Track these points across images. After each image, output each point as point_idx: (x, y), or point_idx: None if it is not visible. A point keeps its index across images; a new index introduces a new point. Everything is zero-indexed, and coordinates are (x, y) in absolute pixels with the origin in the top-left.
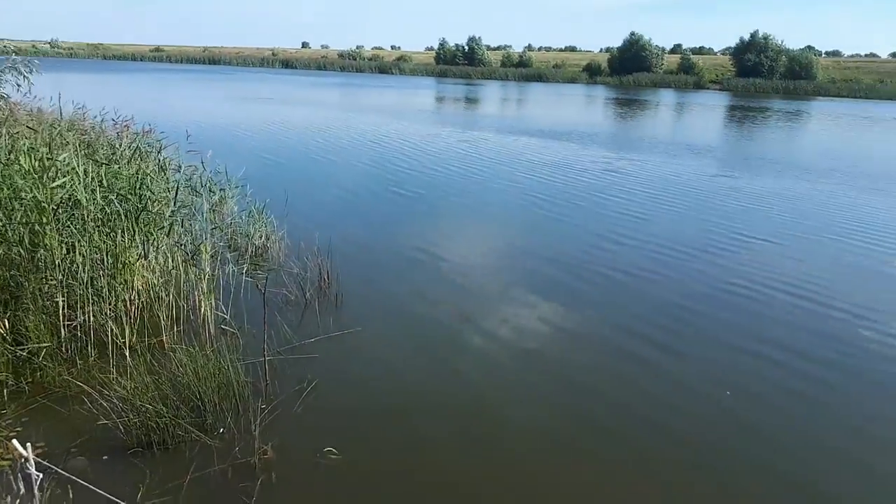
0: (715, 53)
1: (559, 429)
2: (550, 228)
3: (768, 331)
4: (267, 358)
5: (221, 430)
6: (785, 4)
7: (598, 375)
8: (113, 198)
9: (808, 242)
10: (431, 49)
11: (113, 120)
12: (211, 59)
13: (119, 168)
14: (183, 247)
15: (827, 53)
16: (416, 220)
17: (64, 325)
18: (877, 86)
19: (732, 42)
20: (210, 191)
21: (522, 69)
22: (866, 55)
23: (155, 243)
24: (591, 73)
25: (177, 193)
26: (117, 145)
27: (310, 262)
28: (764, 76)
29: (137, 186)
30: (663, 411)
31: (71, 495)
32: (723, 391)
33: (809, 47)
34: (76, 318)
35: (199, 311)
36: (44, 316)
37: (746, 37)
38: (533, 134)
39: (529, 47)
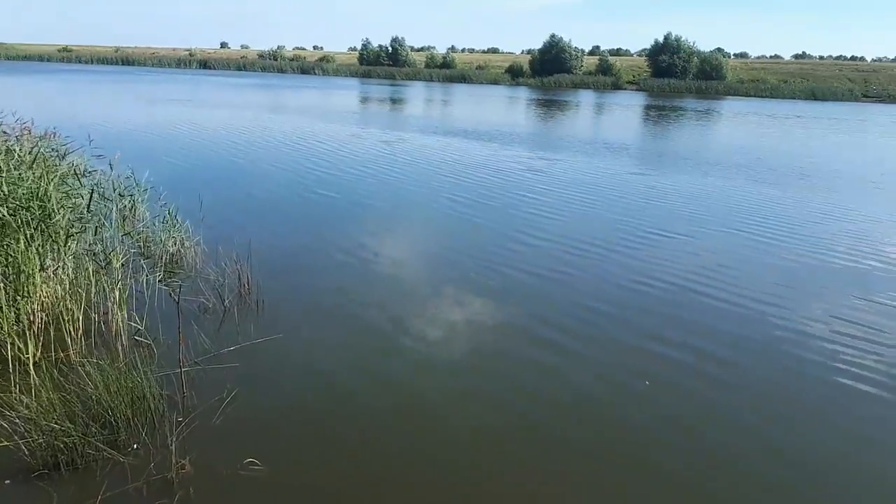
0: (632, 55)
1: (493, 427)
2: (471, 228)
3: (680, 321)
4: (183, 369)
5: (135, 446)
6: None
7: (524, 370)
8: (12, 207)
9: (715, 236)
10: (354, 49)
11: (10, 124)
12: (124, 60)
13: (19, 174)
14: (92, 256)
15: (735, 55)
16: (337, 222)
17: None
18: (781, 85)
19: (648, 44)
20: (120, 195)
21: (446, 70)
22: (771, 57)
23: (61, 253)
24: (514, 74)
25: (89, 200)
26: (16, 150)
27: (228, 268)
28: (677, 76)
29: (40, 194)
30: (587, 402)
31: None
32: (642, 381)
33: (719, 49)
34: None
35: (111, 322)
36: None
37: (661, 39)
38: (455, 134)
39: (453, 49)
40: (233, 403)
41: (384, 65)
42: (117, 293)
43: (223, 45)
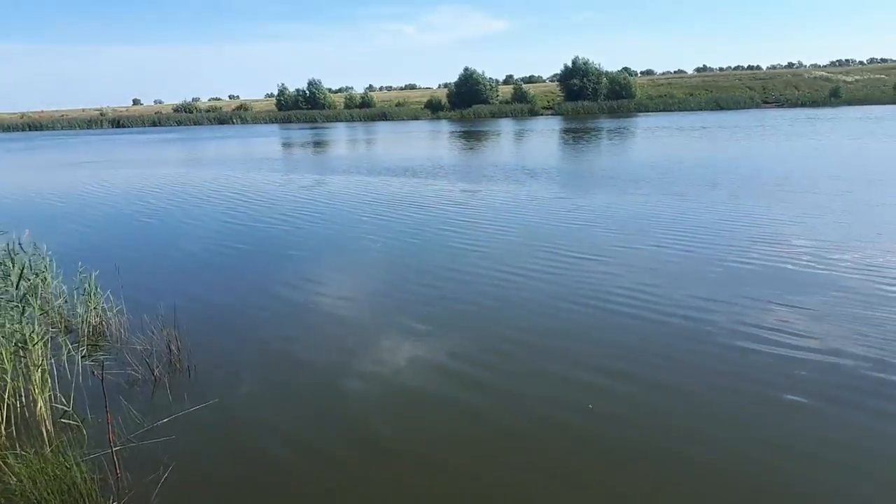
0: (544, 81)
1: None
2: (396, 267)
3: (609, 343)
4: (115, 448)
5: None
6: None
7: (455, 405)
8: None
9: (636, 254)
10: (272, 96)
11: None
12: (31, 126)
13: None
14: (8, 337)
15: (642, 72)
16: (262, 275)
17: None
18: (687, 98)
19: (559, 69)
20: (33, 273)
21: (366, 109)
22: (675, 72)
23: None
24: (433, 108)
25: None
26: None
27: (155, 336)
28: (589, 98)
29: None
30: (532, 425)
31: None
32: (585, 403)
33: (626, 68)
34: None
35: (34, 406)
36: None
37: (569, 63)
38: (377, 173)
39: (371, 87)
40: (172, 478)
41: (303, 108)
42: (38, 374)
43: (135, 101)
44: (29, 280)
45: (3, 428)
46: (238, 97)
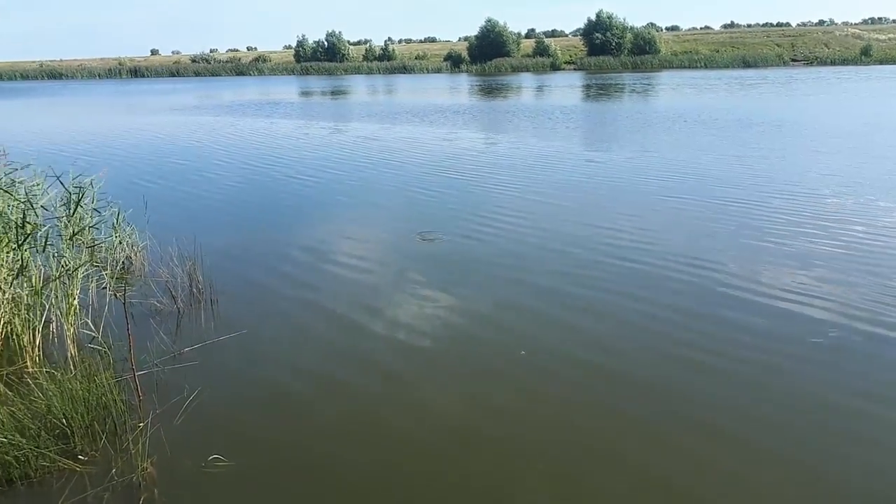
0: (567, 35)
1: (461, 413)
2: (427, 211)
3: (645, 291)
4: (140, 372)
5: (94, 453)
6: None
7: (492, 354)
8: None
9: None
10: (290, 47)
11: None
12: (50, 74)
13: None
14: (39, 267)
15: (667, 28)
16: (285, 217)
17: None
18: (713, 56)
19: (581, 23)
20: (64, 205)
21: (386, 62)
22: (702, 28)
23: (7, 266)
24: (454, 62)
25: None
26: None
27: (179, 270)
28: (613, 54)
29: None
30: (554, 365)
31: None
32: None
33: (651, 24)
34: None
35: (64, 332)
36: None
37: (593, 17)
38: (402, 122)
39: (390, 40)
40: (195, 402)
41: (322, 60)
42: (70, 302)
43: (154, 52)
44: (63, 212)
45: (34, 351)
46: (256, 49)
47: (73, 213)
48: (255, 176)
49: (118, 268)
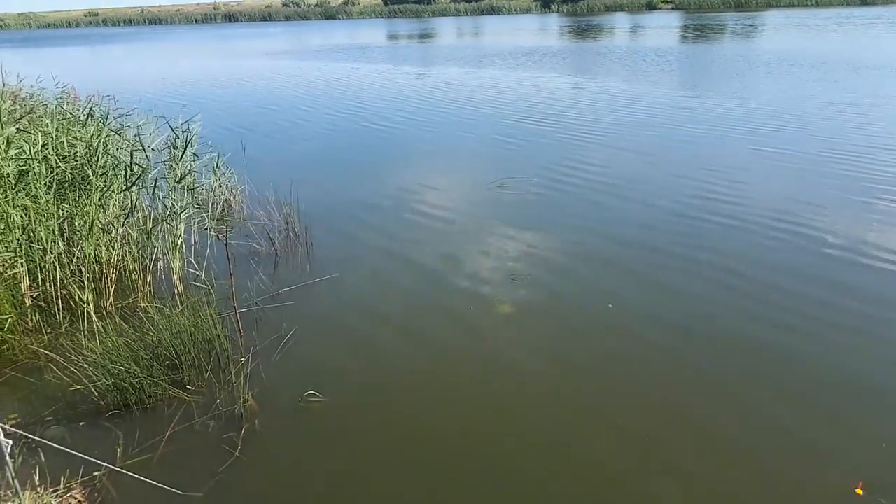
0: None
1: (540, 370)
2: (521, 157)
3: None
4: (241, 310)
5: (201, 384)
6: None
7: (584, 314)
8: (73, 164)
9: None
10: None
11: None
12: (151, 20)
13: (76, 132)
14: (147, 207)
15: None
16: (371, 162)
17: (27, 294)
18: None
19: None
20: (170, 149)
21: (475, 3)
22: None
23: (118, 206)
24: (544, 2)
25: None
26: (70, 111)
27: (276, 214)
28: None
29: (97, 150)
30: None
31: (47, 462)
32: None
33: None
34: (39, 287)
35: (170, 269)
36: (2, 288)
37: None
38: (488, 65)
39: None
40: (292, 340)
41: (409, 3)
42: (176, 242)
43: None
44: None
45: (145, 287)
46: None
47: (182, 157)
48: (342, 122)
49: (218, 210)
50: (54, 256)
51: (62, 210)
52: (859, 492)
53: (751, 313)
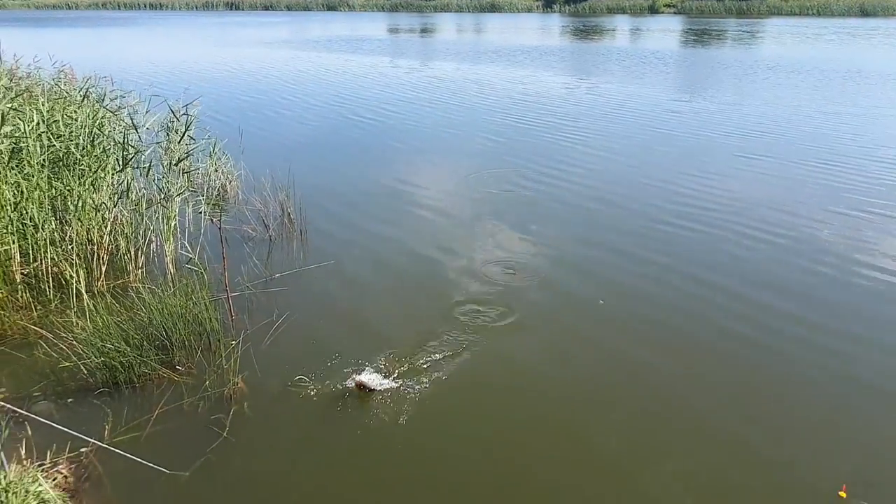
0: None
1: (532, 359)
2: (511, 154)
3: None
4: (233, 294)
5: (190, 366)
6: None
7: (571, 296)
8: (67, 143)
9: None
10: None
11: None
12: (151, 5)
13: (72, 112)
14: (142, 189)
15: None
16: (367, 152)
17: (17, 271)
18: (828, 2)
19: None
20: (166, 132)
21: (477, 0)
22: None
23: (112, 186)
24: (546, 2)
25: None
26: (67, 91)
27: (271, 200)
28: None
29: (93, 130)
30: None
31: (34, 436)
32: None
33: None
34: (30, 264)
35: (162, 251)
36: None
37: None
38: (493, 62)
39: None
40: (283, 325)
41: None
42: (166, 224)
43: None
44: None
45: (137, 268)
46: None
47: (181, 140)
48: (339, 112)
49: (214, 194)
50: (46, 234)
51: (55, 188)
52: (843, 494)
53: (726, 319)
